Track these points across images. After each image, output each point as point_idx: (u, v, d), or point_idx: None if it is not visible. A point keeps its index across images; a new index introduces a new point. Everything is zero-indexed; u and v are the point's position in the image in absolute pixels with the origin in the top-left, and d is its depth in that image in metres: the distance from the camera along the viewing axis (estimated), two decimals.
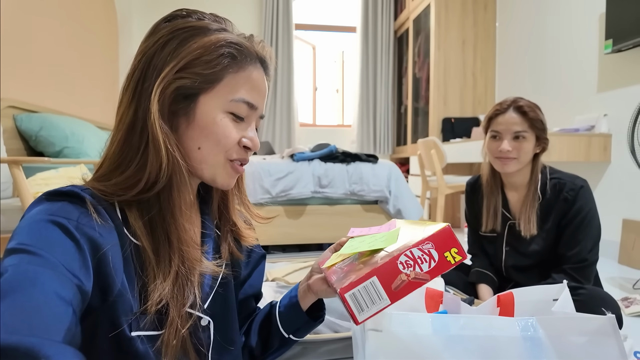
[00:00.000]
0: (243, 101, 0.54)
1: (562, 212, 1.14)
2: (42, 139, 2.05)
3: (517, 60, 3.49)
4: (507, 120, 1.15)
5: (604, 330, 0.57)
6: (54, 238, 0.39)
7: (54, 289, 0.35)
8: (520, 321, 0.62)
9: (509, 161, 1.15)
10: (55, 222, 0.40)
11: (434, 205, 3.62)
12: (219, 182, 0.56)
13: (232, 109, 0.53)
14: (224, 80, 0.53)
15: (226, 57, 0.52)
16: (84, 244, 0.41)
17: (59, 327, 0.33)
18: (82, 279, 0.39)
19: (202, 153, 0.53)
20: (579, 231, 1.12)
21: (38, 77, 2.35)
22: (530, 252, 1.19)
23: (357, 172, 2.13)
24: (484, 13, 3.83)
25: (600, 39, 2.49)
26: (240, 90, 0.54)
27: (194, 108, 0.52)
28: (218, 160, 0.54)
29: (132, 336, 0.46)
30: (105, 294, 0.43)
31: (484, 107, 3.86)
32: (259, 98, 0.56)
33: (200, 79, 0.51)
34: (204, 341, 0.57)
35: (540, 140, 1.16)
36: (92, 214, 0.44)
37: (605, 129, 2.46)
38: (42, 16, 2.40)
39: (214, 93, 0.52)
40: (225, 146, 0.54)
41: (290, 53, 4.59)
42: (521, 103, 1.15)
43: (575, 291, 1.02)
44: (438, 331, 0.60)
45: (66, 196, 0.44)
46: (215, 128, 0.52)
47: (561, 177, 1.17)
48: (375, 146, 4.88)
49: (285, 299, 0.70)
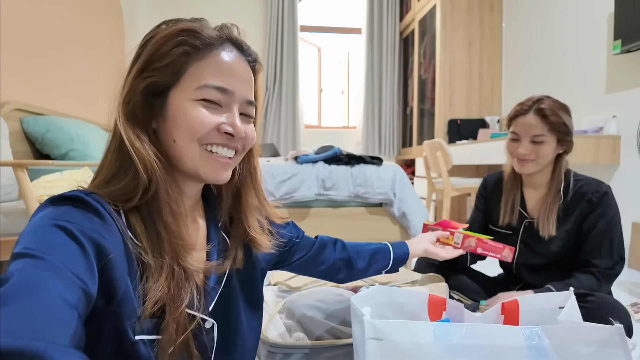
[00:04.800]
0: (210, 86, 0.52)
1: (584, 214, 1.11)
2: (48, 141, 2.07)
3: (524, 61, 3.46)
4: (526, 122, 1.11)
5: (612, 341, 0.55)
6: (58, 242, 0.39)
7: (59, 292, 0.35)
8: (525, 330, 0.60)
9: (526, 163, 1.13)
10: (59, 226, 0.40)
11: (439, 207, 3.59)
12: (202, 175, 0.55)
13: (201, 96, 0.52)
14: (189, 70, 0.52)
15: (183, 46, 0.51)
16: (89, 247, 0.41)
17: (64, 331, 0.34)
18: (87, 282, 0.39)
19: (177, 146, 0.53)
20: (604, 239, 1.09)
21: (44, 80, 2.37)
22: (546, 252, 1.17)
23: (362, 174, 2.11)
24: (490, 14, 3.80)
25: (609, 39, 2.46)
26: (206, 76, 0.53)
27: (166, 104, 0.52)
28: (194, 151, 0.53)
29: (136, 340, 0.46)
30: (110, 297, 0.43)
31: (490, 109, 3.83)
32: (232, 81, 0.54)
33: (163, 73, 0.51)
34: (207, 344, 0.57)
35: (562, 142, 1.12)
36: (96, 218, 0.44)
37: (614, 130, 2.42)
38: (48, 19, 2.42)
39: (181, 85, 0.52)
40: (197, 132, 0.52)
41: (295, 55, 4.59)
42: (543, 105, 1.10)
43: (584, 298, 1.00)
44: (440, 340, 0.59)
45: (70, 200, 0.44)
46: (185, 117, 0.52)
47: (586, 180, 1.14)
48: (380, 148, 4.85)
49: (398, 251, 0.93)
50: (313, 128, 4.91)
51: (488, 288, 1.33)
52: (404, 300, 0.78)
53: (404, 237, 2.16)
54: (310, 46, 5.02)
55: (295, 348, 0.88)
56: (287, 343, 0.88)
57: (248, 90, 0.57)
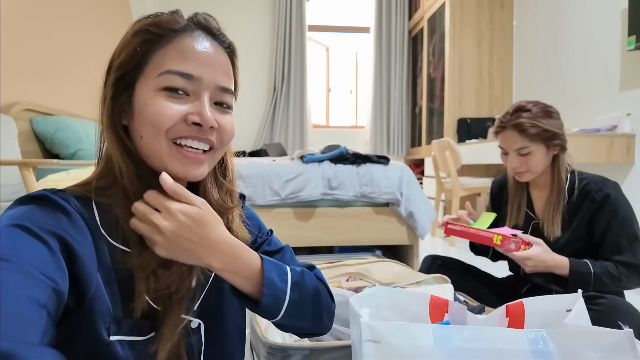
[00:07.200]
0: (172, 72, 0.49)
1: (589, 212, 1.09)
2: (57, 141, 2.09)
3: (535, 58, 3.39)
4: (506, 137, 1.13)
5: (621, 346, 0.53)
6: (21, 242, 0.38)
7: (26, 292, 0.34)
8: (530, 333, 0.58)
9: (521, 174, 1.15)
10: (19, 225, 0.39)
11: (448, 207, 3.55)
12: (171, 172, 0.50)
13: (163, 83, 0.49)
14: (151, 60, 0.50)
15: (146, 34, 0.50)
16: (54, 244, 0.40)
17: (34, 330, 0.33)
18: (56, 279, 0.38)
19: (144, 141, 0.50)
20: (621, 237, 1.06)
21: (54, 80, 2.40)
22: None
23: (368, 173, 2.09)
24: (500, 11, 3.74)
25: (623, 36, 2.40)
26: (167, 63, 0.49)
27: (132, 98, 0.51)
28: (160, 145, 0.49)
29: (111, 341, 0.45)
30: (80, 295, 0.42)
31: (500, 107, 3.77)
32: (199, 67, 0.50)
33: (127, 65, 0.50)
34: (194, 344, 0.56)
35: (551, 147, 1.10)
36: (62, 215, 0.43)
37: (628, 129, 2.35)
38: (58, 20, 2.45)
39: (144, 76, 0.50)
40: (161, 125, 0.48)
41: (303, 54, 4.58)
42: (521, 119, 1.08)
43: (594, 301, 0.98)
44: (440, 343, 0.57)
45: (36, 200, 0.43)
46: (147, 110, 0.49)
47: (591, 178, 1.12)
48: (389, 147, 4.82)
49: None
50: (321, 128, 4.90)
51: (495, 289, 1.30)
52: (405, 302, 0.76)
53: (411, 237, 2.13)
54: (319, 46, 5.01)
55: (295, 349, 0.87)
56: (287, 344, 0.87)
57: (221, 76, 0.52)
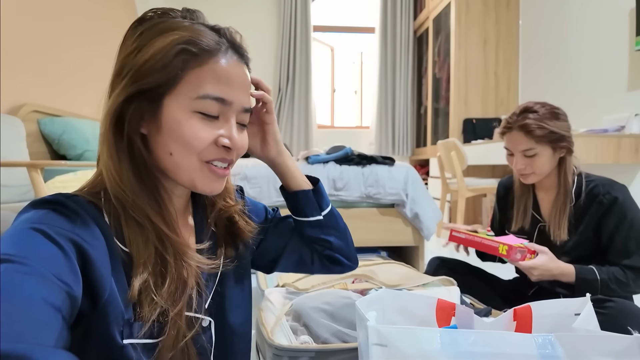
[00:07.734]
0: (210, 97, 0.49)
1: (597, 215, 1.08)
2: (64, 142, 2.11)
3: (542, 58, 3.37)
4: (512, 138, 1.11)
5: (630, 351, 0.52)
6: (37, 245, 0.38)
7: (42, 295, 0.35)
8: (538, 338, 0.58)
9: (527, 176, 1.13)
10: (37, 229, 0.40)
11: (454, 208, 3.53)
12: (199, 188, 0.53)
13: (199, 108, 0.49)
14: (186, 78, 0.49)
15: (183, 54, 0.48)
16: (69, 249, 0.40)
17: (49, 333, 0.33)
18: (70, 284, 0.38)
19: (174, 159, 0.50)
20: (630, 240, 1.05)
21: (61, 82, 2.42)
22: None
23: (373, 174, 2.08)
24: (506, 11, 3.72)
25: (631, 35, 2.38)
26: (205, 85, 0.49)
27: (160, 112, 0.49)
28: (192, 164, 0.51)
29: (124, 344, 0.45)
30: (94, 300, 0.43)
31: (506, 108, 3.75)
32: (231, 90, 0.51)
33: (159, 80, 0.48)
34: (205, 342, 0.56)
35: (557, 149, 1.09)
36: (76, 220, 0.43)
37: (636, 129, 2.33)
38: (65, 22, 2.47)
39: (176, 93, 0.49)
40: (195, 148, 0.50)
41: (308, 55, 4.59)
42: (527, 120, 1.07)
43: (603, 304, 0.96)
44: (447, 347, 0.57)
45: (50, 204, 0.44)
46: (181, 130, 0.49)
47: (598, 180, 1.11)
48: (394, 148, 4.81)
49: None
50: (326, 128, 4.90)
51: (502, 292, 1.29)
52: (412, 305, 0.75)
53: (417, 238, 2.13)
54: (324, 46, 5.01)
55: (301, 351, 0.87)
56: (293, 346, 0.87)
57: (245, 97, 0.54)
